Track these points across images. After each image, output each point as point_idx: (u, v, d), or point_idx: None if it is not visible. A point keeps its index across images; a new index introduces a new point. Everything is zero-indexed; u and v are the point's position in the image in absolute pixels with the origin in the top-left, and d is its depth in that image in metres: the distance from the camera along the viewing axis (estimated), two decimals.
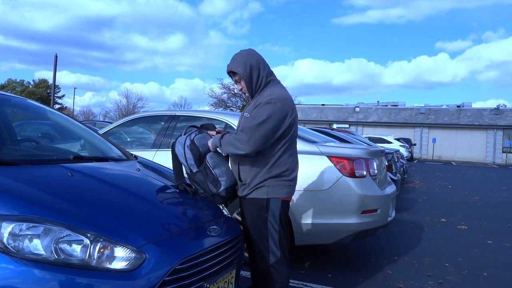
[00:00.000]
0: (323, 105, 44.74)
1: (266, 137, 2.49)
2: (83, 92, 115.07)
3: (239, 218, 3.98)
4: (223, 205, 2.76)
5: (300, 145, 4.07)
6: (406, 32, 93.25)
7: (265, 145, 2.52)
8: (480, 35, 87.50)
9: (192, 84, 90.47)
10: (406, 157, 21.99)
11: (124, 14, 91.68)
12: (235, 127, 4.25)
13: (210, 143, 2.67)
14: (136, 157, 3.15)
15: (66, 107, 60.12)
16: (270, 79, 2.67)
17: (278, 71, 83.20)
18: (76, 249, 1.69)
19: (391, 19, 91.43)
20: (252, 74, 2.61)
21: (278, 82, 2.73)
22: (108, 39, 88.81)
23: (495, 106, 37.95)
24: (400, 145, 23.55)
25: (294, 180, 2.69)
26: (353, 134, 11.03)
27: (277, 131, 2.52)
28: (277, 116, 2.51)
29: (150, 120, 5.24)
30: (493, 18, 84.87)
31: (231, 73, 2.70)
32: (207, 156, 2.65)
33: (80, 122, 3.61)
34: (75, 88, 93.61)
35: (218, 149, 2.68)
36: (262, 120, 2.48)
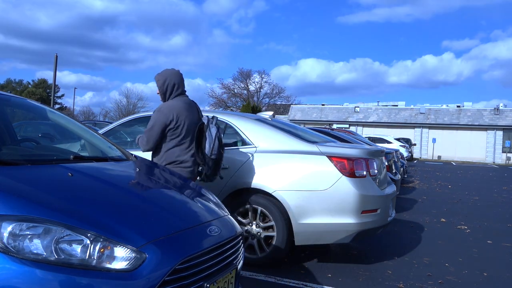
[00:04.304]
0: (323, 105, 44.75)
1: (156, 137, 3.42)
2: (84, 92, 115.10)
3: (239, 218, 3.98)
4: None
5: (300, 145, 4.09)
6: (413, 31, 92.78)
7: (158, 142, 3.43)
8: (488, 33, 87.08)
9: (193, 84, 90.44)
10: (406, 157, 21.98)
11: (127, 13, 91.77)
12: (235, 127, 4.28)
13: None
14: (136, 157, 3.14)
15: (66, 107, 60.14)
16: (177, 95, 3.55)
17: (281, 71, 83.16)
18: (76, 249, 1.69)
19: (398, 17, 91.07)
20: (166, 90, 3.55)
21: (183, 96, 3.58)
22: (111, 38, 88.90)
23: (495, 106, 37.97)
24: (400, 145, 23.54)
25: (189, 167, 3.44)
26: (354, 134, 11.02)
27: (165, 128, 3.40)
28: (161, 120, 3.40)
29: None
30: (503, 16, 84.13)
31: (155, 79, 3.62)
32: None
33: (80, 122, 3.61)
34: (75, 88, 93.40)
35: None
36: (151, 126, 3.43)
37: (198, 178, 3.61)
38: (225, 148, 4.23)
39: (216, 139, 3.51)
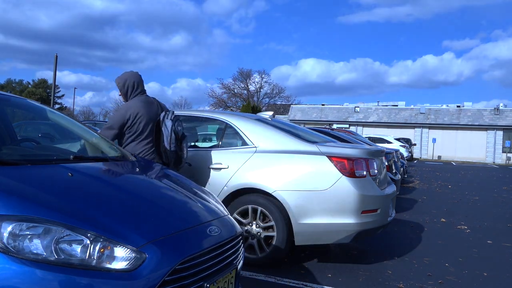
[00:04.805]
0: (323, 105, 44.75)
1: (113, 135, 3.70)
2: (84, 92, 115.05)
3: (239, 218, 3.98)
4: (222, 204, 2.77)
5: (300, 145, 4.09)
6: (413, 31, 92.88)
7: (115, 139, 3.72)
8: (489, 33, 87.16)
9: (194, 84, 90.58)
10: (406, 157, 21.97)
11: (127, 12, 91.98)
12: (235, 127, 4.28)
13: None
14: (136, 157, 3.14)
15: (66, 107, 60.13)
16: (137, 94, 3.85)
17: (281, 71, 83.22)
18: (76, 249, 1.69)
19: (398, 17, 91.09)
20: (127, 90, 3.85)
21: (142, 94, 3.88)
22: (111, 38, 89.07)
23: (495, 106, 37.99)
24: (400, 145, 23.53)
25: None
26: (354, 134, 11.02)
27: (122, 127, 3.70)
28: (118, 120, 3.71)
29: None
30: (504, 16, 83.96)
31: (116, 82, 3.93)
32: None
33: (80, 122, 3.62)
34: (75, 88, 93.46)
35: None
36: (110, 125, 3.73)
37: None
38: (226, 148, 4.25)
39: (172, 132, 3.74)
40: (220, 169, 4.09)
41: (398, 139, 26.80)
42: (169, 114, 3.81)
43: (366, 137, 15.58)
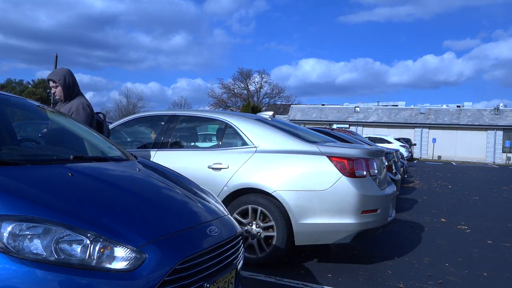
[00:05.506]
0: (323, 105, 44.76)
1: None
2: (84, 92, 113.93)
3: (239, 218, 3.99)
4: (221, 204, 2.78)
5: (300, 145, 4.09)
6: (414, 31, 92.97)
7: None
8: (490, 33, 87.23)
9: (194, 84, 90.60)
10: (406, 157, 21.97)
11: (127, 12, 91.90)
12: (235, 127, 4.28)
13: None
14: (136, 157, 3.14)
15: None
16: (78, 92, 3.94)
17: (282, 71, 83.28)
18: (76, 249, 1.69)
19: (399, 17, 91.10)
20: (69, 87, 3.85)
21: (83, 94, 3.99)
22: (111, 38, 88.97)
23: (495, 106, 38.01)
24: (400, 145, 23.54)
25: None
26: (354, 134, 11.01)
27: (89, 124, 3.75)
28: (89, 117, 3.79)
29: (150, 120, 5.24)
30: (505, 15, 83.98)
31: (51, 81, 3.85)
32: None
33: (80, 122, 3.61)
34: None
35: None
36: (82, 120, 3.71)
37: None
38: (226, 148, 4.27)
39: (108, 132, 4.09)
40: (220, 169, 4.09)
41: (398, 139, 26.82)
42: (105, 116, 4.15)
43: (366, 137, 15.57)
